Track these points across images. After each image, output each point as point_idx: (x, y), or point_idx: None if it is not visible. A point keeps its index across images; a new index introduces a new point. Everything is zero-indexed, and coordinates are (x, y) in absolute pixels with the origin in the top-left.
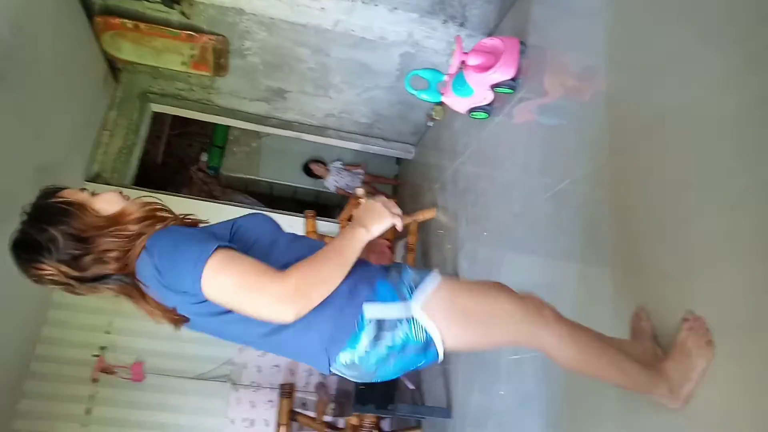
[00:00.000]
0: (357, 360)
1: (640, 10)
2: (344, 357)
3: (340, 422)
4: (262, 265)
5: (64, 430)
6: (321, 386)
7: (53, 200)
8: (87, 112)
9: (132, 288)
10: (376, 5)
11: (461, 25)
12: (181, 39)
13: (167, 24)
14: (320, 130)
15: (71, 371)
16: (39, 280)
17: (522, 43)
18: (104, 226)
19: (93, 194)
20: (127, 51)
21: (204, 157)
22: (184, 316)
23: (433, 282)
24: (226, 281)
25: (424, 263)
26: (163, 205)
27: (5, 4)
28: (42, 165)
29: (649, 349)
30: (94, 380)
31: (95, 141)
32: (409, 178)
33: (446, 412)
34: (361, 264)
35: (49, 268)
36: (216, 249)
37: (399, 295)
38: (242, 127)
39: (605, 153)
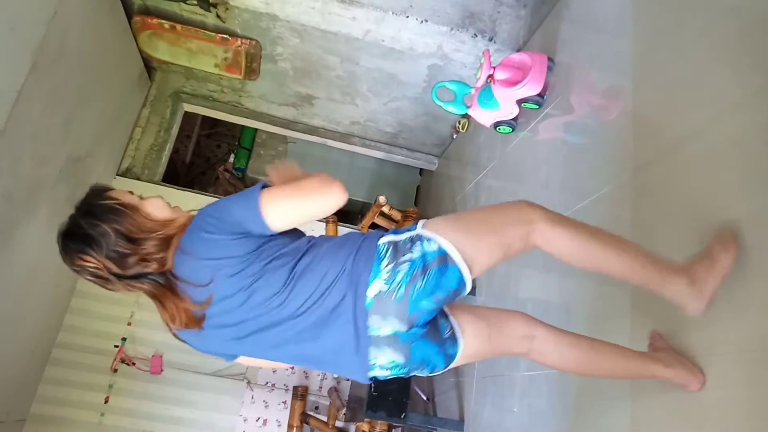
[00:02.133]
0: (385, 286)
1: (666, 30)
2: (373, 289)
3: (351, 428)
4: (292, 182)
5: (81, 417)
6: (334, 390)
7: (106, 199)
8: (121, 108)
9: (163, 288)
10: (407, 17)
11: (490, 39)
12: (216, 42)
13: (203, 26)
14: (345, 137)
15: (92, 360)
16: (80, 270)
17: (550, 59)
18: (154, 230)
19: (141, 198)
20: (162, 51)
21: (231, 158)
22: (200, 319)
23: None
24: (281, 197)
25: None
26: None
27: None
28: (74, 156)
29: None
30: (114, 370)
31: (128, 136)
32: (431, 190)
33: (458, 424)
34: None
35: (94, 261)
36: (257, 191)
37: (404, 230)
38: (270, 130)
39: (627, 171)
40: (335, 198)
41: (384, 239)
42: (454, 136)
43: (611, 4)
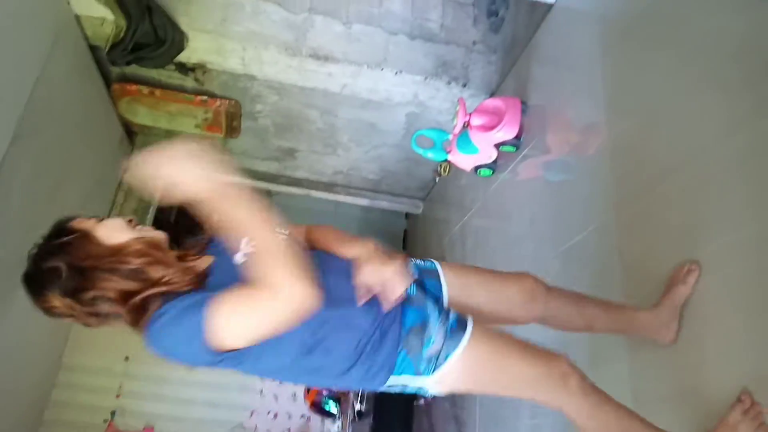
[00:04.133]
0: None
1: (635, 61)
2: None
3: None
4: (241, 289)
5: None
6: None
7: (62, 231)
8: (103, 173)
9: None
10: (382, 69)
11: (464, 86)
12: (195, 103)
13: (182, 90)
14: (329, 186)
15: None
16: (49, 312)
17: (523, 102)
18: (102, 256)
19: (100, 221)
20: (142, 115)
21: None
22: None
23: (454, 357)
24: (232, 328)
25: None
26: (163, 244)
27: (28, 70)
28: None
29: None
30: None
31: (111, 201)
32: (419, 233)
33: None
34: (380, 313)
35: (55, 301)
36: (202, 318)
37: (416, 369)
38: (254, 185)
39: (611, 206)
40: (292, 305)
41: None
42: (437, 180)
43: (580, 43)
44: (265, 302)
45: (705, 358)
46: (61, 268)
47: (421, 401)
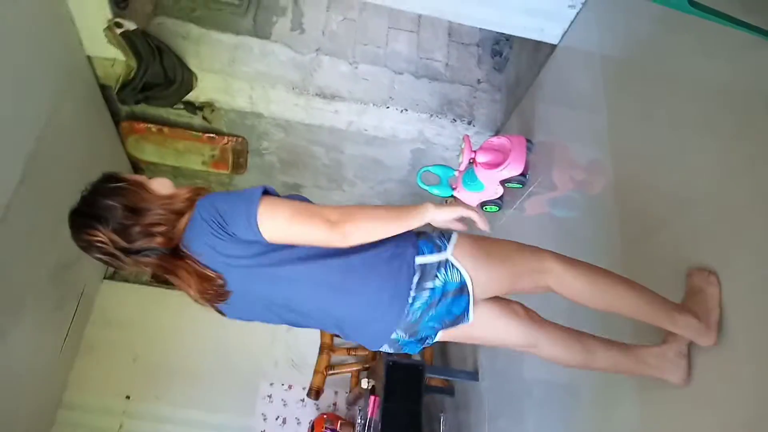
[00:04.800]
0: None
1: (638, 99)
2: None
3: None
4: (311, 204)
5: None
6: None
7: (113, 180)
8: None
9: (173, 260)
10: (388, 107)
11: (469, 123)
12: (203, 141)
13: (190, 127)
14: None
15: None
16: (88, 246)
17: (528, 141)
18: (156, 201)
19: (149, 178)
20: (150, 152)
21: None
22: (224, 291)
23: (456, 235)
24: (280, 212)
25: (442, 361)
26: (209, 189)
27: (39, 109)
28: (62, 261)
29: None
30: None
31: None
32: None
33: None
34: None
35: (100, 235)
36: (264, 193)
37: (435, 247)
38: None
39: (618, 246)
40: (327, 234)
41: (418, 261)
42: None
43: (583, 82)
44: (317, 214)
45: (719, 403)
46: (118, 206)
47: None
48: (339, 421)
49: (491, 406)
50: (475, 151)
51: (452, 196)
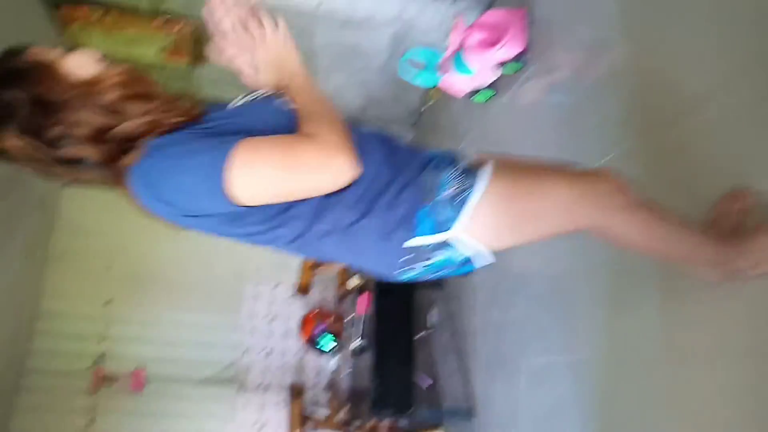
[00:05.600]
0: None
1: None
2: None
3: (356, 422)
4: (284, 137)
5: None
6: (332, 386)
7: (15, 61)
8: None
9: (122, 180)
10: None
11: None
12: (155, 27)
13: (138, 10)
14: None
15: (68, 383)
16: (7, 156)
17: (529, 14)
18: (72, 88)
19: (65, 53)
20: (96, 44)
21: None
22: None
23: (477, 194)
24: (263, 174)
25: None
26: (146, 77)
27: None
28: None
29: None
30: (93, 391)
31: None
32: None
33: (468, 413)
34: (393, 167)
35: (12, 140)
36: (231, 149)
37: (438, 226)
38: None
39: (635, 132)
40: (338, 178)
41: (409, 243)
42: (426, 106)
43: None
44: (310, 160)
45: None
46: (22, 99)
47: (422, 333)
48: (329, 318)
49: (482, 297)
50: (466, 29)
51: (438, 83)
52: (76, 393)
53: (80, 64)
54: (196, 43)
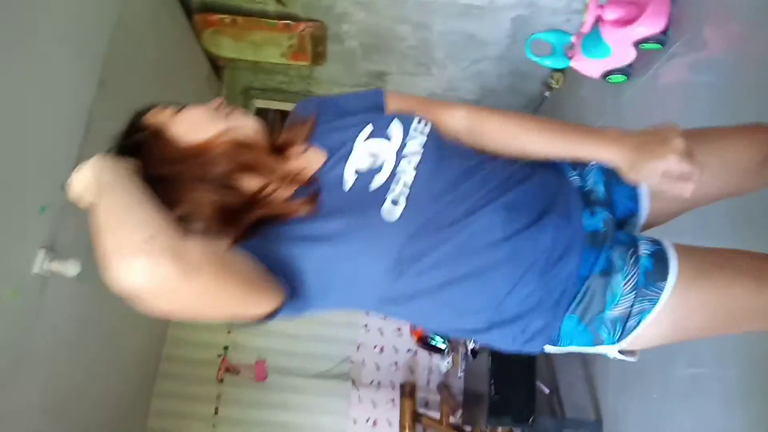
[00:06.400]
0: None
1: None
2: None
3: (468, 426)
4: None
5: (195, 429)
6: (444, 387)
7: (134, 127)
8: None
9: None
10: None
11: None
12: (279, 29)
13: (264, 15)
14: None
15: (198, 371)
16: None
17: None
18: (182, 160)
19: (178, 111)
20: (227, 47)
21: None
22: None
23: (652, 317)
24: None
25: None
26: (256, 139)
27: (107, 11)
28: None
29: None
30: (220, 380)
31: None
32: None
33: (596, 426)
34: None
35: None
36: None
37: (594, 339)
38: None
39: None
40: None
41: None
42: (547, 94)
43: None
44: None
45: None
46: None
47: None
48: None
49: None
50: (602, 6)
51: (569, 66)
52: (205, 381)
53: (188, 128)
54: (316, 43)
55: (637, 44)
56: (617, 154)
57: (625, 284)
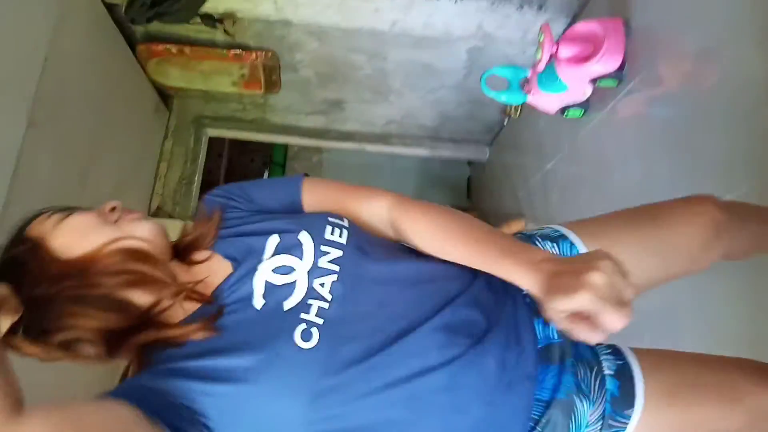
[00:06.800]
0: None
1: None
2: None
3: None
4: None
5: None
6: None
7: (17, 238)
8: (141, 145)
9: None
10: None
11: (540, 8)
12: (229, 59)
13: (213, 45)
14: (383, 138)
15: None
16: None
17: (626, 23)
18: (62, 278)
19: (64, 217)
20: (174, 77)
21: (266, 176)
22: None
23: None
24: None
25: None
26: (151, 249)
27: (36, 42)
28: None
29: None
30: None
31: (153, 174)
32: (486, 182)
33: None
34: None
35: (25, 348)
36: None
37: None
38: (301, 144)
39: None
40: None
41: None
42: (505, 122)
43: None
44: None
45: None
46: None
47: None
48: None
49: None
50: (557, 43)
51: (525, 101)
52: None
53: (71, 240)
54: (269, 73)
55: (594, 81)
56: (531, 282)
57: (591, 414)
